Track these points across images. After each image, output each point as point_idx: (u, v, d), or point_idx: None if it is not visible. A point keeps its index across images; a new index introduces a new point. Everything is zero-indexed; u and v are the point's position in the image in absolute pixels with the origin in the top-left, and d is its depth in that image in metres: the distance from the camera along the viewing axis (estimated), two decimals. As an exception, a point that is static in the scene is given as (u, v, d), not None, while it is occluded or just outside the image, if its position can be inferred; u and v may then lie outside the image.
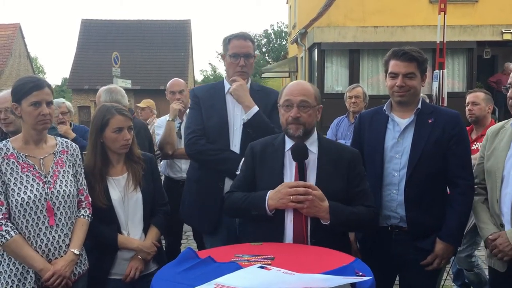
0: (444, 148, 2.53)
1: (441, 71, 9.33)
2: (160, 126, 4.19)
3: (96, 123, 2.63)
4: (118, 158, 2.69)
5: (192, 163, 3.19)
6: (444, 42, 9.73)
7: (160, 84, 21.77)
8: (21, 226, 2.30)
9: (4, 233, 2.24)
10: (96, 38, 28.84)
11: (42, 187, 2.35)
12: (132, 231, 2.67)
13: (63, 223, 2.40)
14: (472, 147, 3.87)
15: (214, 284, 1.74)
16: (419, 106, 2.60)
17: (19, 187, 2.30)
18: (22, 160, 2.36)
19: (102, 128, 2.61)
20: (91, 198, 2.56)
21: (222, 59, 3.16)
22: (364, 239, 2.70)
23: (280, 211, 2.30)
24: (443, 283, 3.37)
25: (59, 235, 2.38)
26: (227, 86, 3.05)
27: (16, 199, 2.29)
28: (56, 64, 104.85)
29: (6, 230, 2.24)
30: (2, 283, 2.29)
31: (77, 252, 2.41)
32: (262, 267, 1.92)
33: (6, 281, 2.29)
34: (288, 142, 2.42)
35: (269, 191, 2.30)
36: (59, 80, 56.18)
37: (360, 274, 1.86)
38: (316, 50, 15.72)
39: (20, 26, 30.15)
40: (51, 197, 2.36)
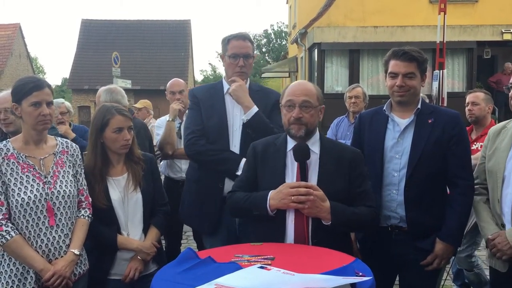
0: (444, 148, 2.53)
1: (441, 71, 9.32)
2: (160, 126, 4.19)
3: (96, 123, 2.63)
4: (118, 158, 2.69)
5: (192, 163, 3.18)
6: (444, 42, 9.74)
7: (160, 84, 21.79)
8: (21, 227, 2.30)
9: (4, 233, 2.24)
10: (96, 38, 28.85)
11: (42, 188, 2.34)
12: (132, 231, 2.67)
13: (63, 224, 2.40)
14: (472, 147, 3.87)
15: (214, 284, 1.74)
16: (419, 106, 2.60)
17: (19, 188, 2.30)
18: (22, 161, 2.36)
19: (102, 128, 2.61)
20: (91, 199, 2.57)
21: (221, 60, 3.15)
22: (364, 239, 2.70)
23: (282, 211, 2.30)
24: (443, 283, 3.37)
25: (59, 236, 2.38)
26: (226, 86, 3.04)
27: (16, 200, 2.29)
28: (56, 64, 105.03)
29: (6, 231, 2.24)
30: (2, 283, 2.29)
31: (77, 252, 2.41)
32: (262, 267, 1.92)
33: (7, 281, 2.29)
34: (290, 142, 2.42)
35: (270, 191, 2.30)
36: (59, 80, 56.27)
37: (360, 274, 1.86)
38: (316, 50, 15.71)
39: (20, 26, 30.15)
40: (51, 197, 2.36)
